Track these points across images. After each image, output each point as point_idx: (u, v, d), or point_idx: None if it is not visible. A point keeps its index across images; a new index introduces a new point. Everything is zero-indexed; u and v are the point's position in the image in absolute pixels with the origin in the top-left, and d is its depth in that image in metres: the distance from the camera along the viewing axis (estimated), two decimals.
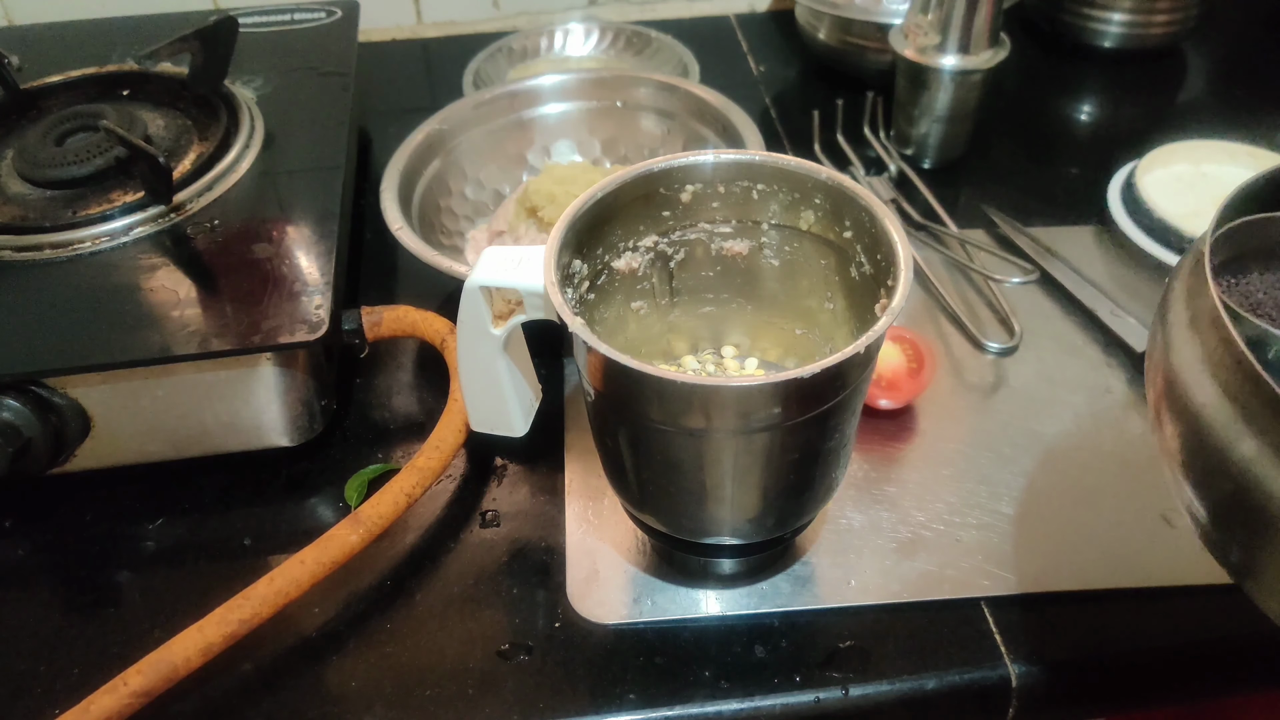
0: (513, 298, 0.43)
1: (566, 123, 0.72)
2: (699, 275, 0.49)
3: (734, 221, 0.47)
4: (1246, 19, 0.95)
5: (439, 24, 0.95)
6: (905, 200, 0.69)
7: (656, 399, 0.38)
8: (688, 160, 0.45)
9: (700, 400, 0.37)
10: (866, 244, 0.43)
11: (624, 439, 0.41)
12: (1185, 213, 0.66)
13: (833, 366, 0.35)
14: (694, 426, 0.38)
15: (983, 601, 0.47)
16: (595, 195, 0.43)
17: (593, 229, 0.44)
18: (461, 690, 0.45)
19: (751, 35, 0.94)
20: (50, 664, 0.46)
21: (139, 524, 0.52)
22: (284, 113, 0.65)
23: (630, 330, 0.49)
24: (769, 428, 0.38)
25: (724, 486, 0.41)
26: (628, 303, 0.49)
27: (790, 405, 0.37)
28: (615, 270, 0.47)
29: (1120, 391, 0.57)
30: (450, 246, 0.66)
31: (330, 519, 0.51)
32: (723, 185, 0.46)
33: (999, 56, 0.70)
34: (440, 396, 0.56)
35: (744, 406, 0.37)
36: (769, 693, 0.44)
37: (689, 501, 0.43)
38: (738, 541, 0.45)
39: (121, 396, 0.50)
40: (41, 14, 0.83)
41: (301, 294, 0.51)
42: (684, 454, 0.40)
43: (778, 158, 0.44)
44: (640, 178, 0.45)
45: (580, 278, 0.44)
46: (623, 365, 0.36)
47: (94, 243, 0.55)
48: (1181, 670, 0.46)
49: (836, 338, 0.48)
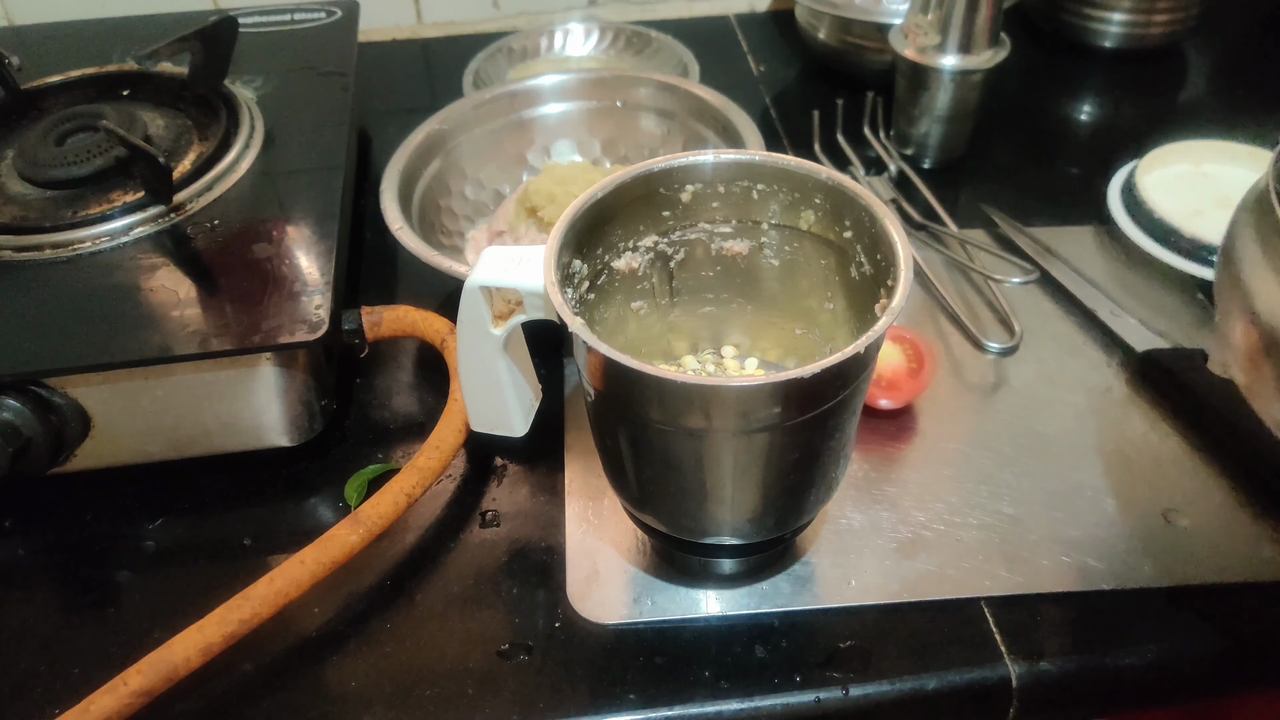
0: (513, 298, 0.43)
1: (566, 123, 0.72)
2: (699, 275, 0.49)
3: (734, 221, 0.47)
4: (1247, 19, 0.95)
5: (439, 24, 0.95)
6: (905, 200, 0.69)
7: (656, 399, 0.38)
8: (688, 160, 0.45)
9: (700, 400, 0.37)
10: (866, 244, 0.43)
11: (624, 439, 0.41)
12: (1185, 213, 0.65)
13: (833, 366, 0.35)
14: (694, 426, 0.38)
15: (983, 601, 0.47)
16: (595, 195, 0.43)
17: (593, 229, 0.44)
18: (461, 690, 0.45)
19: (751, 35, 0.94)
20: (50, 664, 0.46)
21: (139, 524, 0.52)
22: (284, 113, 0.65)
23: (630, 330, 0.49)
24: (769, 428, 0.38)
25: (724, 486, 0.41)
26: (628, 303, 0.49)
27: (790, 405, 0.37)
28: (615, 270, 0.47)
29: (1120, 391, 0.57)
30: (450, 246, 0.66)
31: (330, 519, 0.51)
32: (723, 185, 0.46)
33: (999, 56, 0.70)
34: (440, 396, 0.56)
35: (744, 406, 0.37)
36: (769, 693, 0.44)
37: (689, 501, 0.43)
38: (738, 541, 0.45)
39: (121, 396, 0.50)
40: (42, 14, 0.83)
41: (301, 294, 0.51)
42: (684, 454, 0.40)
43: (778, 157, 0.44)
44: (640, 178, 0.45)
45: (580, 278, 0.44)
46: (623, 365, 0.36)
47: (94, 243, 0.55)
48: (1181, 670, 0.46)
49: (837, 338, 0.48)
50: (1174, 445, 0.54)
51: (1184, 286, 0.64)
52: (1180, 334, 0.60)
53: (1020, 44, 0.74)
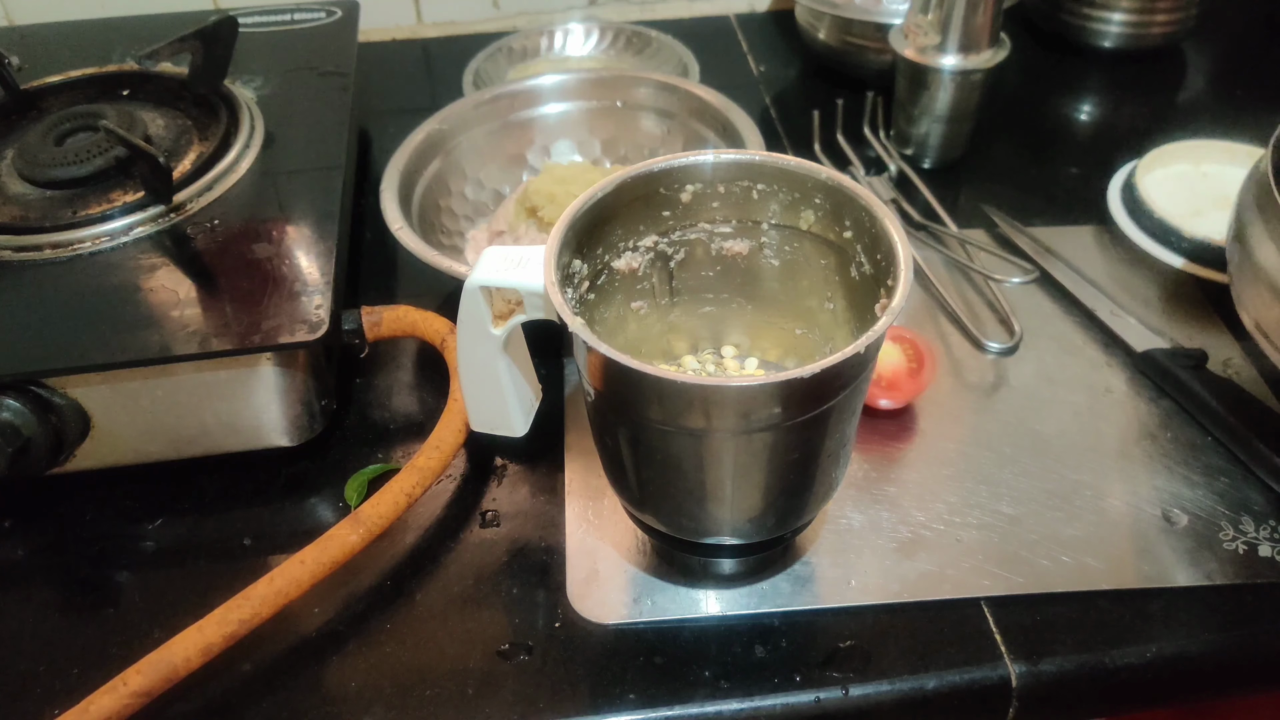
0: (513, 298, 0.43)
1: (566, 123, 0.72)
2: (699, 275, 0.49)
3: (734, 221, 0.47)
4: (1246, 19, 0.95)
5: (439, 24, 0.95)
6: (905, 200, 0.69)
7: (656, 399, 0.38)
8: (688, 160, 0.45)
9: (700, 400, 0.37)
10: (866, 244, 0.43)
11: (624, 439, 0.41)
12: (1185, 213, 0.66)
13: (832, 367, 0.35)
14: (694, 426, 0.38)
15: (983, 601, 0.47)
16: (595, 195, 0.43)
17: (592, 229, 0.44)
18: (461, 690, 0.45)
19: (751, 35, 0.94)
20: (49, 664, 0.46)
21: (139, 524, 0.52)
22: (284, 113, 0.65)
23: (630, 330, 0.49)
24: (769, 427, 0.38)
25: (724, 486, 0.41)
26: (628, 302, 0.49)
27: (790, 405, 0.37)
28: (615, 270, 0.47)
29: (1120, 391, 0.57)
30: (450, 246, 0.66)
31: (330, 519, 0.51)
32: (723, 185, 0.46)
33: (999, 56, 0.70)
34: (440, 396, 0.56)
35: (744, 406, 0.37)
36: (769, 693, 0.44)
37: (689, 501, 0.43)
38: (738, 541, 0.45)
39: (121, 396, 0.50)
40: (42, 14, 0.83)
41: (301, 294, 0.51)
42: (684, 454, 0.40)
43: (778, 157, 0.44)
44: (640, 178, 0.45)
45: (580, 278, 0.44)
46: (622, 365, 0.36)
47: (94, 243, 0.55)
48: (1181, 670, 0.46)
49: (837, 338, 0.48)
50: (1173, 445, 0.54)
51: (1184, 286, 0.64)
52: (1180, 334, 0.60)
53: (1020, 44, 0.74)
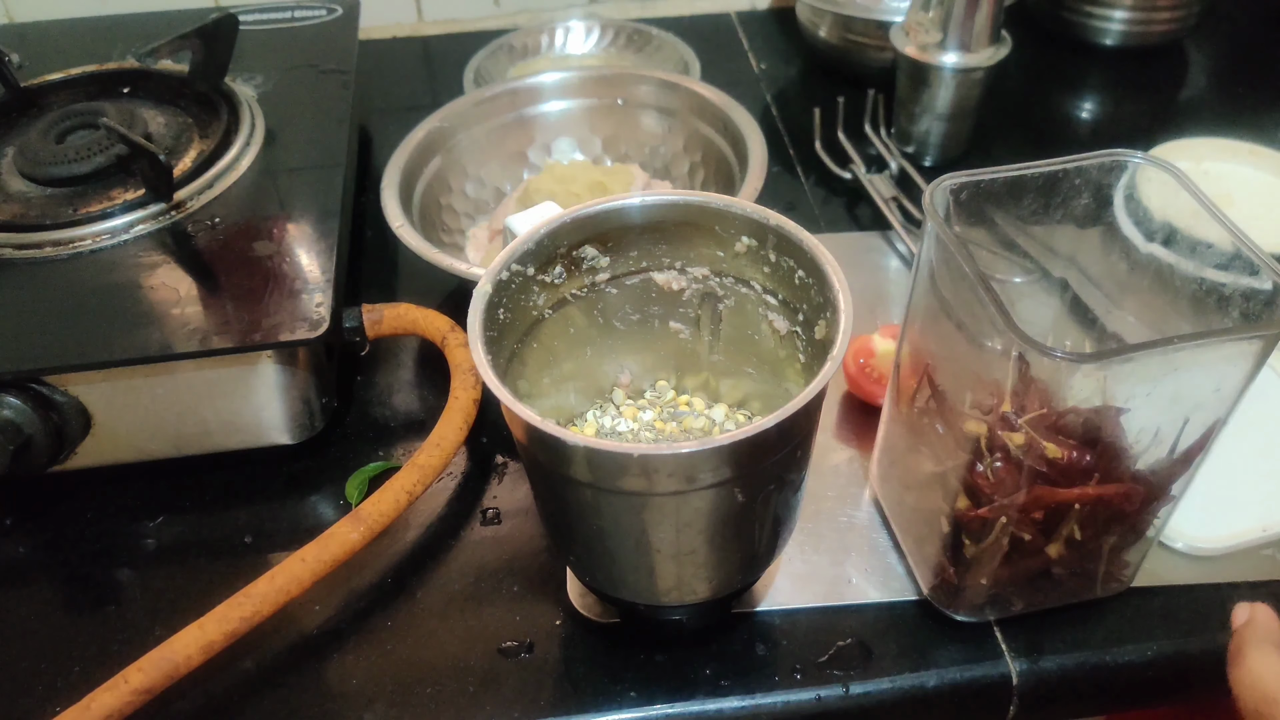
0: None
1: (567, 120, 0.72)
2: (644, 310, 0.48)
3: (678, 262, 0.46)
4: (1248, 16, 0.95)
5: (440, 21, 0.95)
6: (906, 198, 0.69)
7: (582, 462, 0.36)
8: (623, 203, 0.44)
9: (621, 465, 0.35)
10: (812, 287, 0.42)
11: (553, 498, 0.41)
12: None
13: (753, 435, 0.34)
14: (629, 489, 0.36)
15: None
16: (525, 243, 0.42)
17: (545, 262, 0.44)
18: (462, 687, 0.45)
19: (752, 33, 0.94)
20: (51, 661, 0.46)
21: (140, 522, 0.52)
22: (284, 110, 0.65)
23: (580, 359, 0.49)
24: (684, 492, 0.36)
25: (661, 549, 0.39)
26: (576, 330, 0.48)
27: (724, 467, 0.36)
28: (565, 299, 0.46)
29: None
30: (451, 244, 0.66)
31: (331, 517, 0.51)
32: (667, 225, 0.45)
33: (1000, 54, 0.70)
34: (441, 394, 0.56)
35: (672, 469, 0.35)
36: (770, 690, 0.44)
37: (625, 566, 0.41)
38: (683, 604, 0.43)
39: (122, 394, 0.50)
40: (42, 11, 0.83)
41: (302, 292, 0.51)
42: (615, 516, 0.38)
43: (717, 198, 0.43)
44: (581, 219, 0.44)
45: (541, 287, 0.44)
46: (541, 431, 0.35)
47: (94, 240, 0.55)
48: (1181, 670, 0.46)
49: (787, 374, 0.47)
50: None
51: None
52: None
53: (1021, 41, 0.74)
